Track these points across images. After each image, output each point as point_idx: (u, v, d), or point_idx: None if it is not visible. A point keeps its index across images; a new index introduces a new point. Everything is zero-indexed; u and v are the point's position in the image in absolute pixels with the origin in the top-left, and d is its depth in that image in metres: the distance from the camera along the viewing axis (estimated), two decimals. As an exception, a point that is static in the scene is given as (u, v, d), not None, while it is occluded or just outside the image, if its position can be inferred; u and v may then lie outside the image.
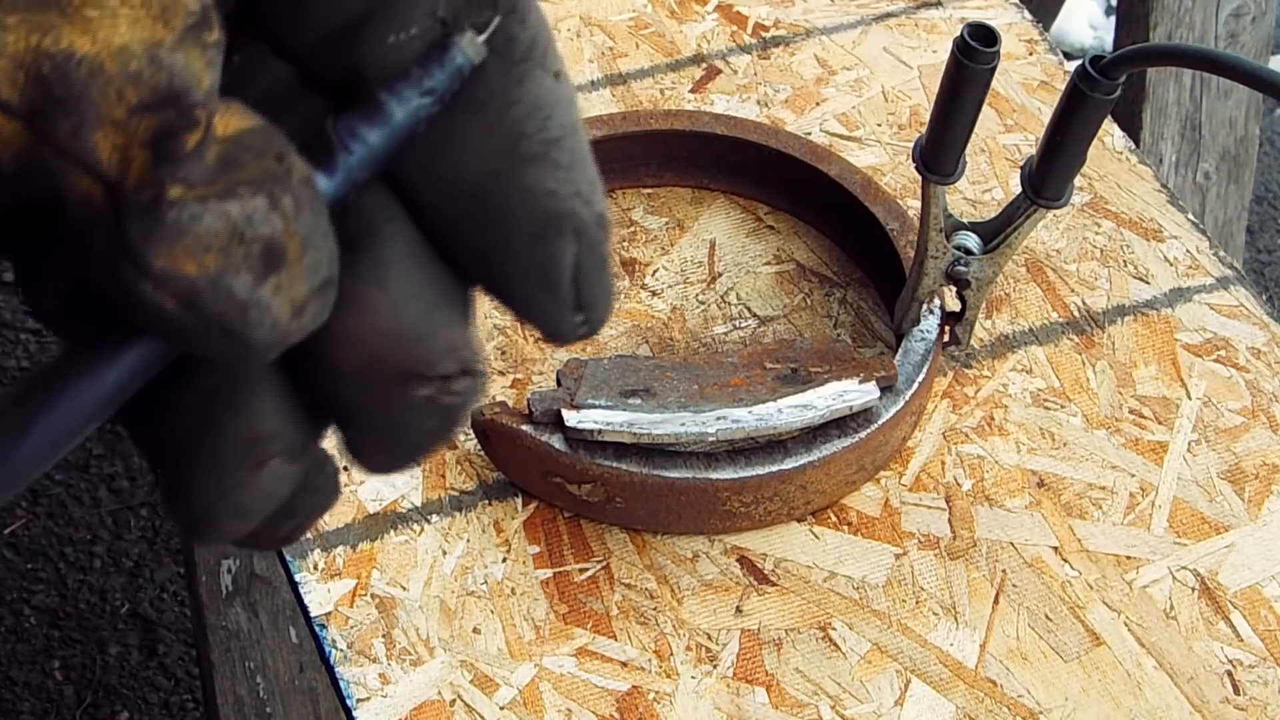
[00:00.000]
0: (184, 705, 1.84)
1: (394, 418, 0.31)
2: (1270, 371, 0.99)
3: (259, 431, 0.31)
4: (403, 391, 0.30)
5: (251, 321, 0.28)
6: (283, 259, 0.28)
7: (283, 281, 0.28)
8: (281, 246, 0.28)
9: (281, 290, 0.28)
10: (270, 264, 0.28)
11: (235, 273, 0.28)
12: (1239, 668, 0.86)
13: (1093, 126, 0.82)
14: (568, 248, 0.31)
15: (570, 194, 0.31)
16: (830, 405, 0.87)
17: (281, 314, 0.28)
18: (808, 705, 0.83)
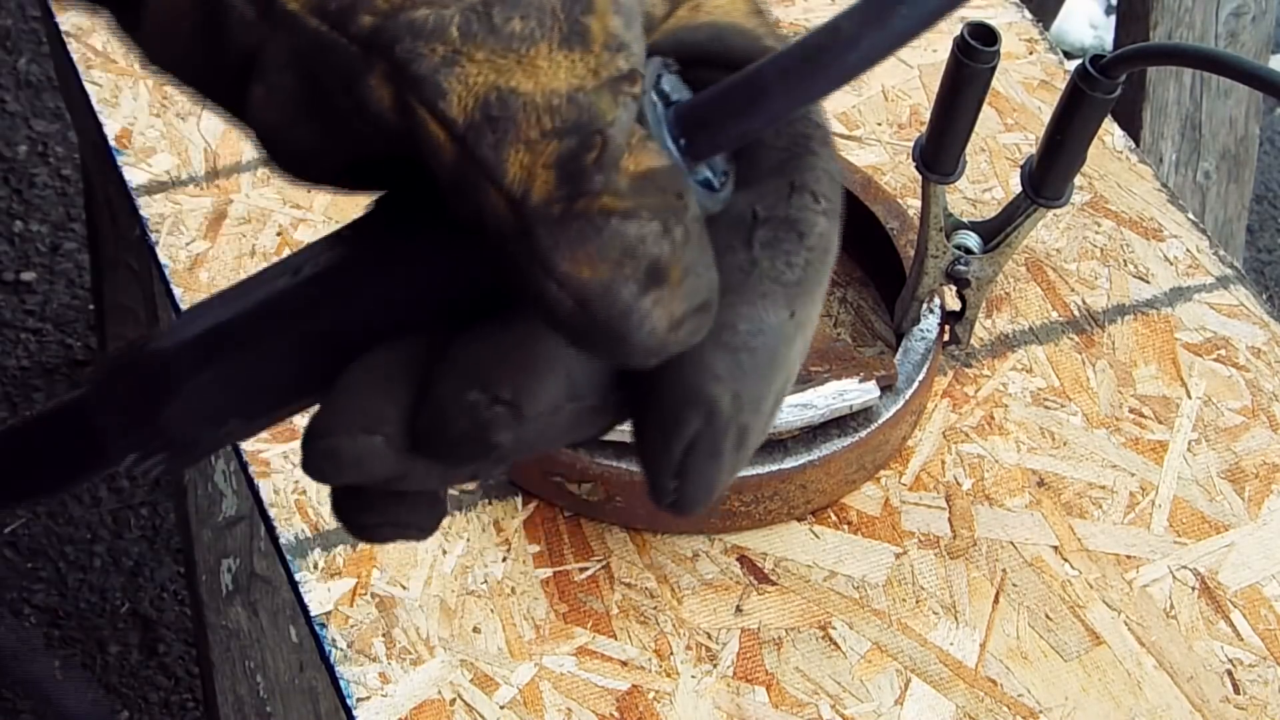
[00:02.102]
0: (184, 704, 1.84)
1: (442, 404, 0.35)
2: (1270, 371, 0.99)
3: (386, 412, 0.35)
4: (461, 389, 0.35)
5: (632, 326, 0.32)
6: (665, 278, 0.33)
7: (663, 297, 0.33)
8: (666, 268, 0.32)
9: (662, 304, 0.33)
10: (654, 280, 0.32)
11: (624, 282, 0.32)
12: (1239, 667, 0.86)
13: (1093, 126, 0.82)
14: (693, 423, 0.35)
15: (731, 390, 0.35)
16: (830, 404, 0.87)
17: (660, 325, 0.33)
18: (808, 704, 0.83)
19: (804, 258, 0.37)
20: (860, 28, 0.31)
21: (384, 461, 0.36)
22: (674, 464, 0.36)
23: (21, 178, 2.30)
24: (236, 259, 1.00)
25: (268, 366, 0.37)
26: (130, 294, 1.93)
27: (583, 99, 0.33)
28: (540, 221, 0.32)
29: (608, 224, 0.32)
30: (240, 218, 1.03)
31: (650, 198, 0.33)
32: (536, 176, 0.32)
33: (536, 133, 0.33)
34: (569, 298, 0.32)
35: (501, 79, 0.33)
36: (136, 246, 1.85)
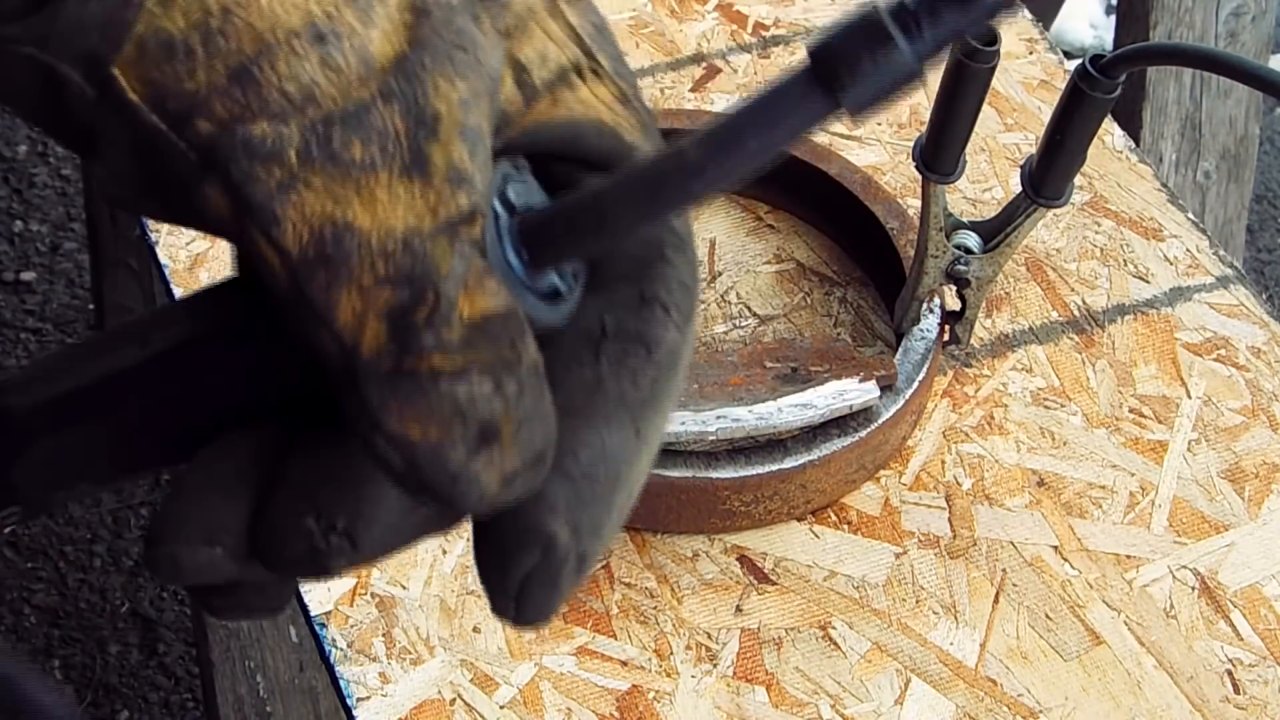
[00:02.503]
0: (184, 704, 1.84)
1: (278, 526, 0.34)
2: (1270, 370, 0.99)
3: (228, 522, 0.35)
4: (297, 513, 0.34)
5: (459, 491, 0.32)
6: (497, 437, 0.32)
7: (494, 457, 0.32)
8: (498, 426, 0.32)
9: (493, 465, 0.32)
10: (485, 440, 0.32)
11: (452, 446, 0.31)
12: (1239, 667, 0.86)
13: (1093, 125, 0.82)
14: (531, 557, 0.34)
15: (568, 522, 0.34)
16: (830, 404, 0.87)
17: (490, 485, 0.32)
18: (808, 704, 0.83)
19: (650, 375, 0.36)
20: (706, 157, 0.31)
21: (224, 569, 0.35)
22: (511, 592, 0.35)
23: (21, 178, 2.30)
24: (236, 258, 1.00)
25: (113, 438, 0.37)
26: (130, 294, 1.93)
27: (418, 247, 0.32)
28: (368, 376, 0.31)
29: (437, 386, 0.31)
30: (240, 217, 1.03)
31: (483, 352, 0.32)
32: (367, 326, 0.31)
33: (370, 278, 0.31)
34: (396, 456, 0.32)
35: (338, 210, 0.32)
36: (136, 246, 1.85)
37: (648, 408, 0.36)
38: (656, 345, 0.36)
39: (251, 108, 0.32)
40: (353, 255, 0.31)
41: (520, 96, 0.35)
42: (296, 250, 0.32)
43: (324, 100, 0.32)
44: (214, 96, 0.32)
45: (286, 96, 0.32)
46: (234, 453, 0.36)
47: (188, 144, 0.32)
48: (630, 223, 0.33)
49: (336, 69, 0.32)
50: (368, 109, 0.32)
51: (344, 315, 0.31)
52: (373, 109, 0.32)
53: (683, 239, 0.38)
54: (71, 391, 0.37)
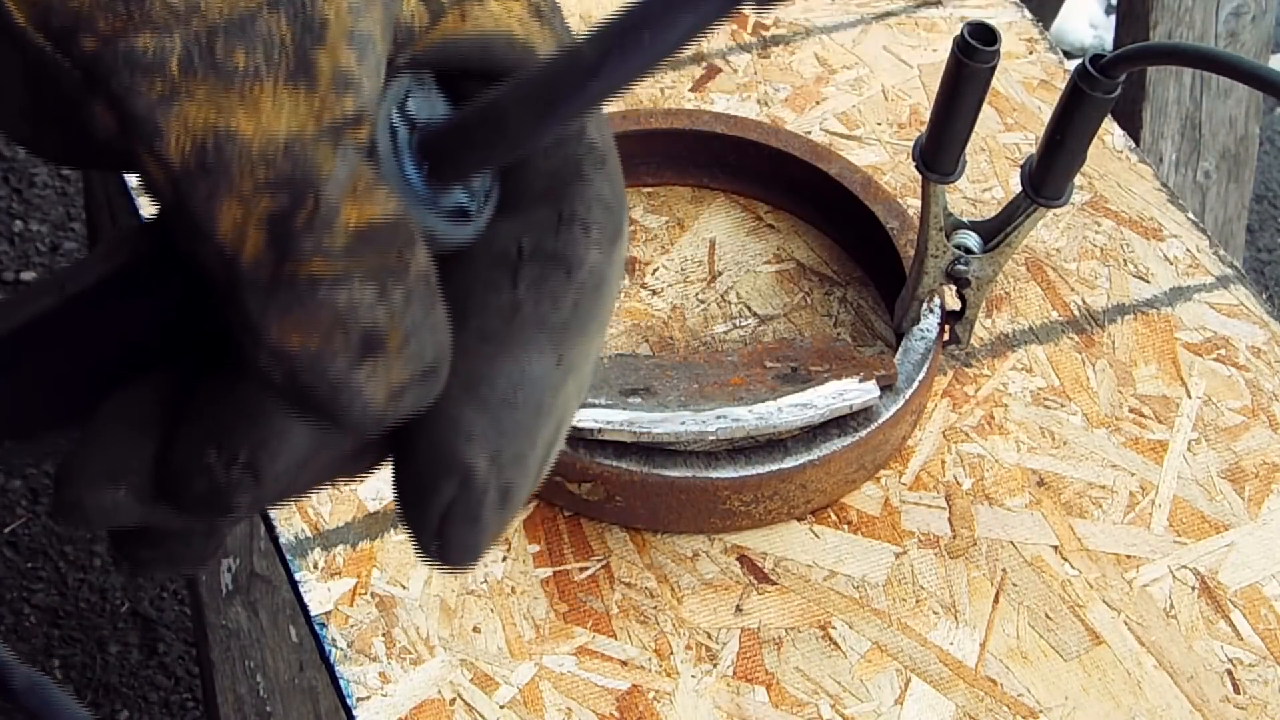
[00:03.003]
0: (184, 704, 1.84)
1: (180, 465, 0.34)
2: (1270, 370, 0.99)
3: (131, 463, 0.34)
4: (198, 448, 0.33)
5: (341, 403, 0.31)
6: (382, 346, 0.31)
7: (379, 368, 0.31)
8: (383, 335, 0.31)
9: (377, 376, 0.31)
10: (369, 349, 0.31)
11: (332, 356, 0.30)
12: (1239, 666, 0.86)
13: (1093, 125, 0.82)
14: (448, 488, 0.33)
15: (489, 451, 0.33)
16: (830, 404, 0.87)
17: (375, 398, 0.31)
18: (808, 704, 0.83)
19: (572, 297, 0.35)
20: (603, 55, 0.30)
21: (129, 512, 0.34)
22: (432, 527, 0.34)
23: (21, 178, 2.30)
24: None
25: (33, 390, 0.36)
26: (130, 294, 1.92)
27: (298, 150, 0.31)
28: (248, 286, 0.30)
29: (315, 292, 0.30)
30: (240, 217, 1.03)
31: (367, 258, 0.31)
32: (248, 236, 0.31)
33: (250, 186, 0.31)
34: (277, 369, 0.31)
35: (221, 119, 0.31)
36: (136, 246, 1.85)
37: (570, 331, 0.35)
38: (578, 266, 0.35)
39: (135, 20, 0.31)
40: (233, 163, 0.31)
41: (425, 10, 0.34)
42: (179, 161, 0.31)
43: (209, 11, 0.31)
44: (97, 11, 0.31)
45: (169, 8, 0.31)
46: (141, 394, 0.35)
47: (72, 61, 0.32)
48: (529, 130, 0.31)
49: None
50: (253, 17, 0.31)
51: (224, 226, 0.31)
52: (259, 17, 0.31)
53: (603, 155, 0.36)
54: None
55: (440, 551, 0.34)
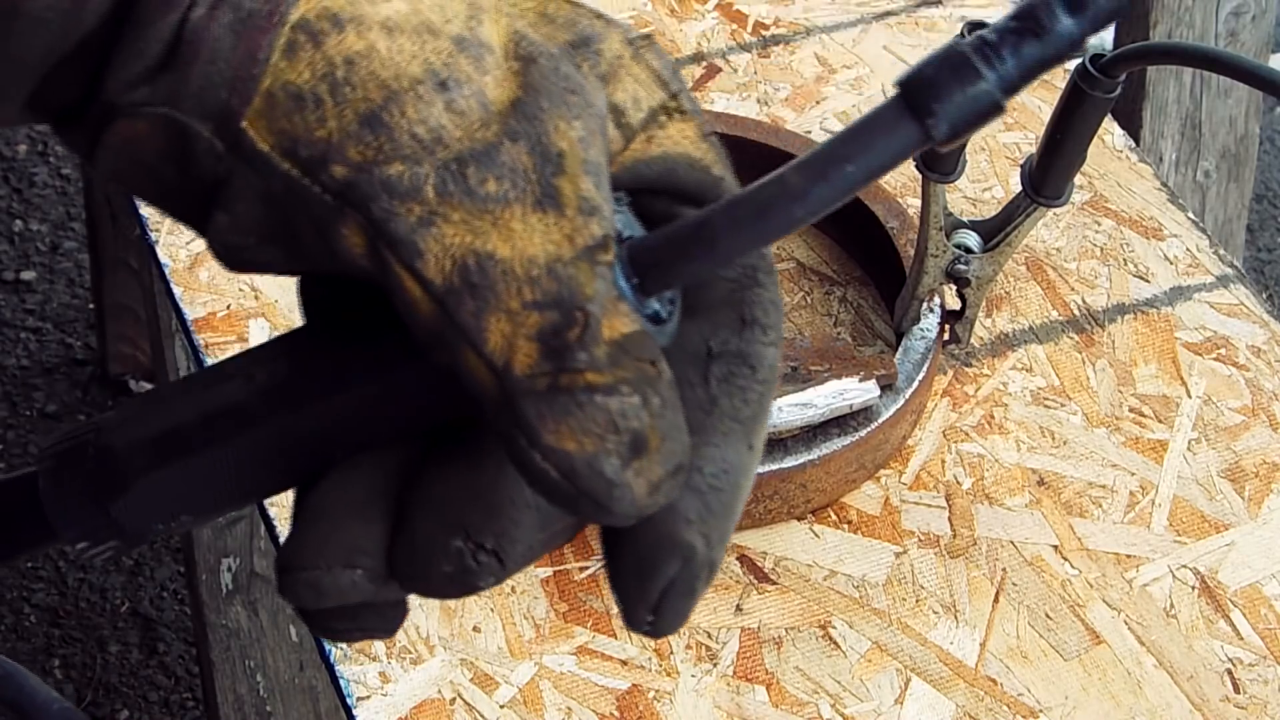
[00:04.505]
0: (184, 704, 1.84)
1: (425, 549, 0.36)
2: (1270, 370, 0.99)
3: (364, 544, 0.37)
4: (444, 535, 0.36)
5: (615, 498, 0.34)
6: (645, 448, 0.34)
7: (643, 467, 0.34)
8: (646, 438, 0.34)
9: (643, 473, 0.34)
10: (635, 451, 0.34)
11: (607, 457, 0.33)
12: (1239, 666, 0.86)
13: (1093, 125, 0.82)
14: (672, 567, 0.36)
15: (703, 532, 0.36)
16: (830, 404, 0.87)
17: (640, 493, 0.34)
18: (808, 704, 0.83)
19: (758, 391, 0.38)
20: (808, 183, 0.33)
21: (363, 591, 0.37)
22: (651, 603, 0.37)
23: (21, 177, 2.30)
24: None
25: (219, 472, 0.38)
26: (130, 293, 1.93)
27: (562, 271, 0.34)
28: (524, 394, 0.33)
29: (591, 400, 0.33)
30: (240, 217, 1.03)
31: (628, 369, 0.34)
32: (518, 348, 0.33)
33: (517, 303, 0.33)
34: (554, 469, 0.33)
35: (478, 242, 0.34)
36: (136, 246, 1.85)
37: (756, 422, 0.38)
38: (760, 363, 0.39)
39: (385, 150, 0.34)
40: (498, 282, 0.33)
41: (620, 136, 0.38)
42: (441, 280, 0.33)
43: (451, 142, 0.34)
44: (347, 142, 0.34)
45: (417, 139, 0.34)
46: (363, 477, 0.37)
47: (323, 188, 0.34)
48: (738, 246, 0.34)
49: (460, 112, 0.35)
50: (496, 148, 0.34)
51: (494, 339, 0.33)
52: (501, 148, 0.34)
53: (770, 264, 0.40)
54: (175, 428, 0.38)
55: (654, 624, 0.37)
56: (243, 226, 0.36)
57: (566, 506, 0.34)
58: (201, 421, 0.38)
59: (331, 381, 0.37)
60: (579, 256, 0.34)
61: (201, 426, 0.38)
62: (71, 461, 0.39)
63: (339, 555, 0.36)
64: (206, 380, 0.39)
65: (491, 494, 0.36)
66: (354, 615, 0.38)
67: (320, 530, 0.37)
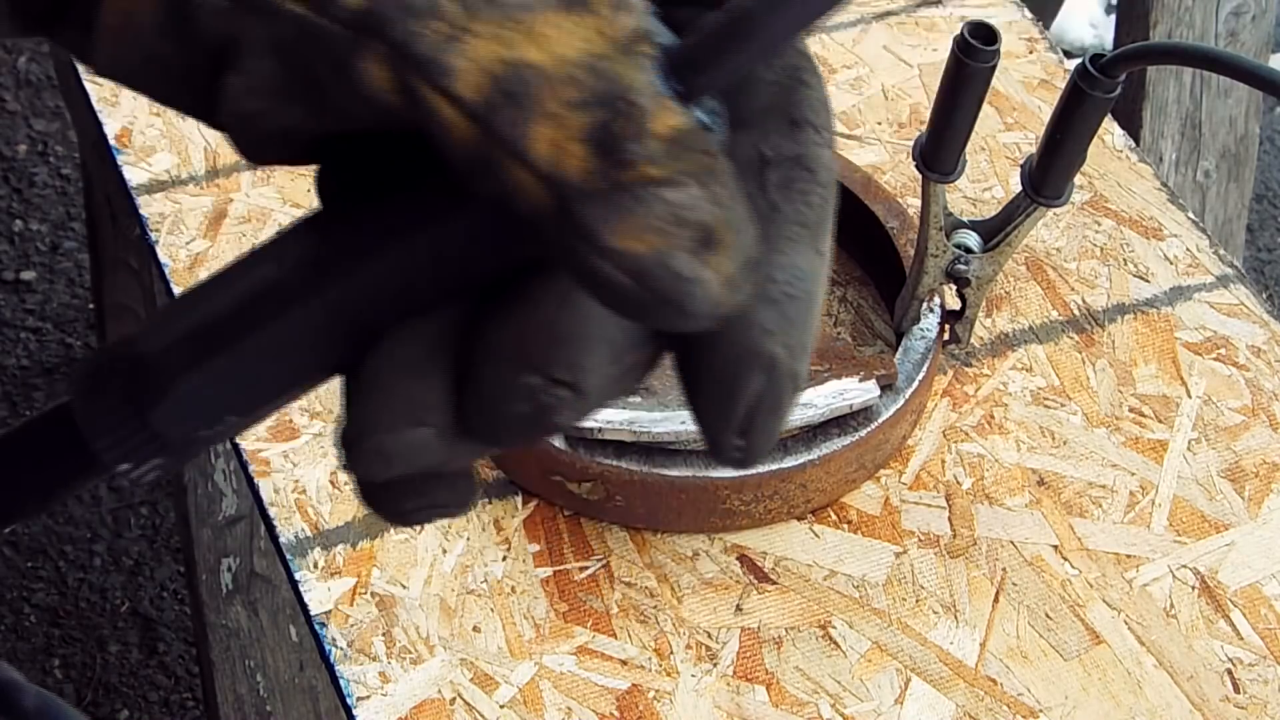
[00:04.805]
0: (184, 703, 1.84)
1: (496, 392, 0.34)
2: (1270, 370, 0.99)
3: (428, 400, 0.35)
4: (515, 374, 0.34)
5: (690, 295, 0.32)
6: (714, 241, 0.32)
7: (715, 261, 0.32)
8: (714, 229, 0.32)
9: (715, 267, 0.32)
10: (705, 244, 0.32)
11: (677, 252, 0.31)
12: (1239, 666, 0.86)
13: (1093, 125, 0.82)
14: (756, 381, 0.35)
15: (784, 343, 0.35)
16: (830, 403, 0.87)
17: (715, 288, 0.32)
18: (808, 704, 0.83)
19: (820, 194, 0.37)
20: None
21: (433, 451, 0.35)
22: (737, 424, 0.35)
23: (21, 177, 2.30)
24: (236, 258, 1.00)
25: (264, 360, 0.36)
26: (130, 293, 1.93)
27: (602, 66, 0.32)
28: (581, 198, 0.31)
29: (653, 194, 0.32)
30: (240, 217, 1.03)
31: (686, 161, 0.32)
32: (568, 152, 0.32)
33: (560, 105, 0.32)
34: (623, 273, 0.32)
35: (510, 51, 0.32)
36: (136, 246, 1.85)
37: (822, 226, 0.37)
38: (817, 165, 0.37)
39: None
40: (538, 87, 0.32)
41: None
42: (476, 96, 0.32)
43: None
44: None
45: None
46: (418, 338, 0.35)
47: (336, 21, 0.32)
48: (781, 32, 0.33)
49: None
50: None
51: (540, 146, 0.32)
52: None
53: (814, 64, 0.38)
54: (209, 321, 0.36)
55: (743, 448, 0.35)
56: (256, 86, 0.34)
57: (640, 315, 0.32)
58: (237, 309, 0.36)
59: (372, 243, 0.35)
60: (617, 50, 0.32)
61: (237, 314, 0.36)
62: (103, 378, 0.36)
63: (405, 415, 0.35)
64: (234, 272, 0.37)
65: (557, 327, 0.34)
66: (422, 490, 0.37)
67: (381, 395, 0.35)
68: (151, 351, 0.36)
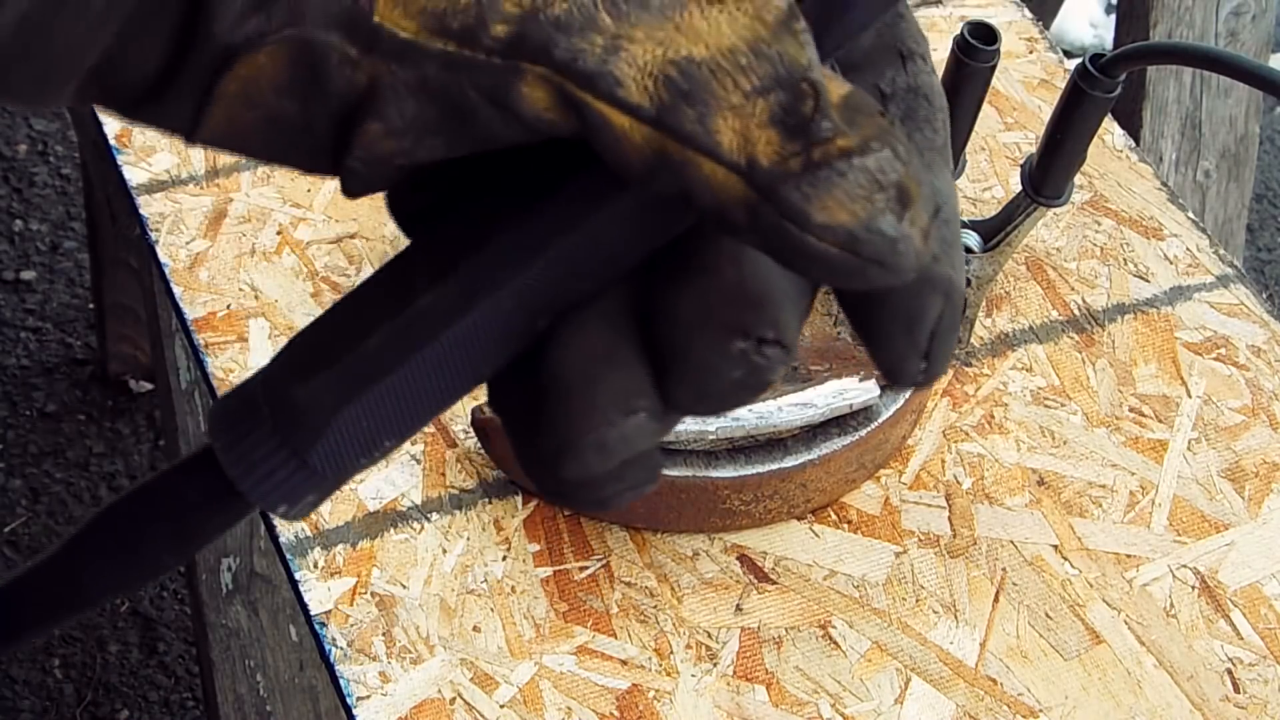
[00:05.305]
0: (184, 703, 1.84)
1: (710, 363, 0.35)
2: (1270, 370, 0.99)
3: (633, 386, 0.35)
4: (724, 342, 0.34)
5: (900, 252, 0.32)
6: (909, 197, 0.33)
7: (914, 215, 0.33)
8: (907, 186, 0.33)
9: (914, 222, 0.33)
10: (903, 202, 0.32)
11: (883, 214, 0.32)
12: (1239, 666, 0.86)
13: (1093, 124, 0.82)
14: (937, 304, 0.36)
15: (949, 263, 0.36)
16: (830, 403, 0.87)
17: (919, 243, 0.33)
18: (808, 703, 0.83)
19: (941, 119, 0.38)
20: None
21: (649, 435, 0.35)
22: (921, 348, 0.36)
23: (21, 177, 2.30)
24: (236, 258, 1.00)
25: (418, 382, 0.35)
26: (130, 293, 1.93)
27: (769, 50, 0.32)
28: (782, 181, 0.32)
29: (850, 164, 0.32)
30: (240, 216, 1.03)
31: (867, 125, 0.33)
32: (757, 139, 0.32)
33: (738, 95, 0.32)
34: (833, 245, 0.32)
35: (671, 51, 0.32)
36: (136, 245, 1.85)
37: (948, 148, 0.38)
38: (932, 91, 0.38)
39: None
40: (710, 82, 0.32)
41: None
42: (649, 102, 0.32)
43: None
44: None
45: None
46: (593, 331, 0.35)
47: (487, 52, 0.32)
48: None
49: None
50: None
51: (728, 139, 0.32)
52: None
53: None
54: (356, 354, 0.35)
55: (927, 370, 0.36)
56: (398, 129, 0.34)
57: (850, 280, 0.33)
58: (385, 336, 0.35)
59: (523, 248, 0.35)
60: (778, 31, 0.33)
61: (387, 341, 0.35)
62: (248, 421, 0.35)
63: (618, 405, 0.35)
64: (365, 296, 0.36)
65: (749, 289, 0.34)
66: (621, 474, 0.36)
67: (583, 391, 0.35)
68: (298, 394, 0.35)
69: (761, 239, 0.33)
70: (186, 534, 0.37)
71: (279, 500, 0.36)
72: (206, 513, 0.37)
